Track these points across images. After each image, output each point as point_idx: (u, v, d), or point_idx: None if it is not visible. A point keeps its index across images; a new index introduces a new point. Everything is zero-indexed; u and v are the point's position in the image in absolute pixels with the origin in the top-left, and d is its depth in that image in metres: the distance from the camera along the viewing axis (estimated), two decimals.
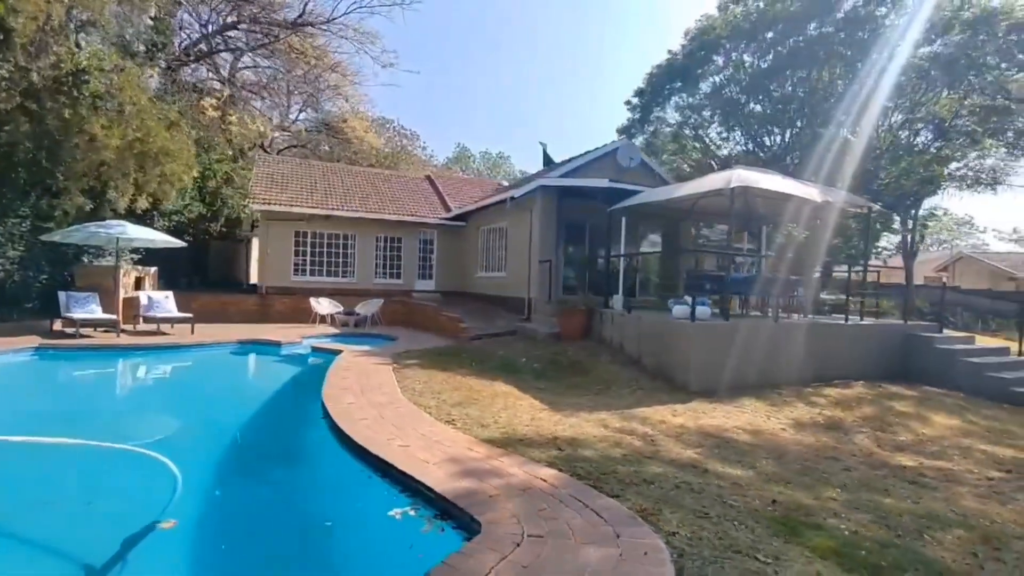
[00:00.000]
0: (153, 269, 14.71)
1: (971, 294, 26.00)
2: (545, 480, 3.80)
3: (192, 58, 16.36)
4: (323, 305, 15.06)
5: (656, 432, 5.73)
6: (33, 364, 8.83)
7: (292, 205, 16.66)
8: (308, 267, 17.19)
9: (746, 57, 16.39)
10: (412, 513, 3.48)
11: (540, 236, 13.63)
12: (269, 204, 16.33)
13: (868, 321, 10.15)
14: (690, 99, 18.47)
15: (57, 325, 11.21)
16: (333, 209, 17.21)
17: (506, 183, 23.79)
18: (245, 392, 8.54)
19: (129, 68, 10.12)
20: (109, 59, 9.67)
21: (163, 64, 14.38)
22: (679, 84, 18.01)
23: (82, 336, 10.32)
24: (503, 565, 2.60)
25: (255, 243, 24.49)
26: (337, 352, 9.90)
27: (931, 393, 8.38)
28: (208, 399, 7.90)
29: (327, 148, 28.52)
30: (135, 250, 14.81)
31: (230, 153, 13.82)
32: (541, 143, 20.61)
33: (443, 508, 3.40)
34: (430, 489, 3.52)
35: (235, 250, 23.41)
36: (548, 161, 20.94)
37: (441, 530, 3.24)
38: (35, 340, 9.50)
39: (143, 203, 11.18)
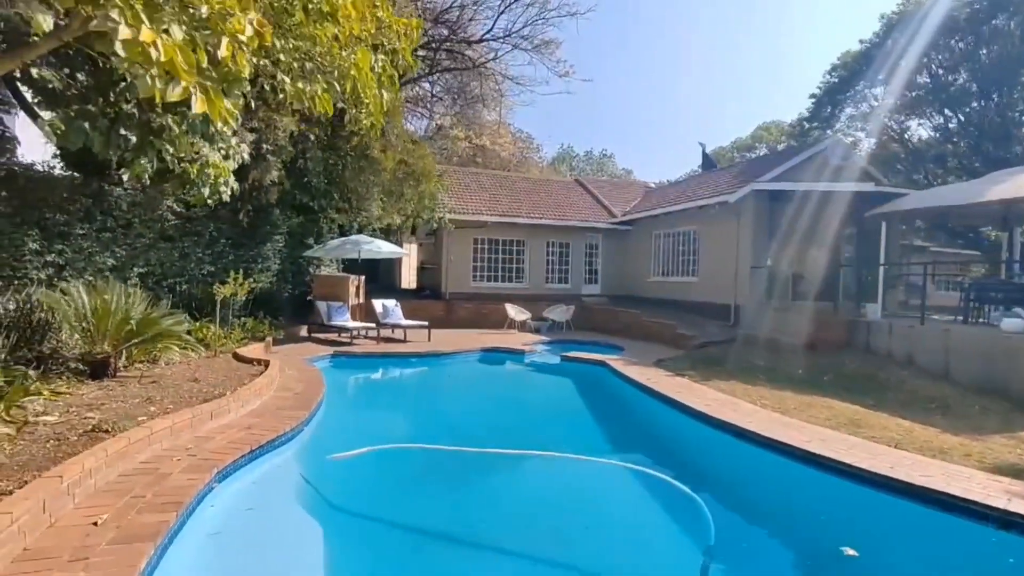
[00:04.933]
0: (363, 277, 15.73)
1: None
2: None
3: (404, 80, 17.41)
4: (515, 311, 15.50)
5: None
6: (348, 373, 9.57)
7: (476, 213, 17.26)
8: (485, 273, 17.78)
9: (961, 44, 15.15)
10: None
11: (751, 241, 13.28)
12: (456, 212, 16.97)
13: None
14: (877, 90, 17.39)
15: (303, 331, 12.39)
16: (510, 216, 17.67)
17: (653, 184, 23.50)
18: (589, 408, 8.32)
19: (391, 98, 10.83)
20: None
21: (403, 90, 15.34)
22: (871, 73, 16.96)
23: (353, 343, 11.22)
24: None
25: (406, 248, 25.78)
26: (592, 362, 10.10)
27: None
28: (572, 412, 8.05)
29: (445, 155, 29.50)
30: (340, 260, 15.99)
31: (440, 170, 14.43)
32: (700, 143, 20.16)
33: None
34: None
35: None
36: (709, 162, 20.47)
37: None
38: (328, 349, 10.40)
39: (397, 219, 11.95)
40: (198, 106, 2.49)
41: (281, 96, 4.66)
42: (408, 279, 25.29)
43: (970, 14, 14.45)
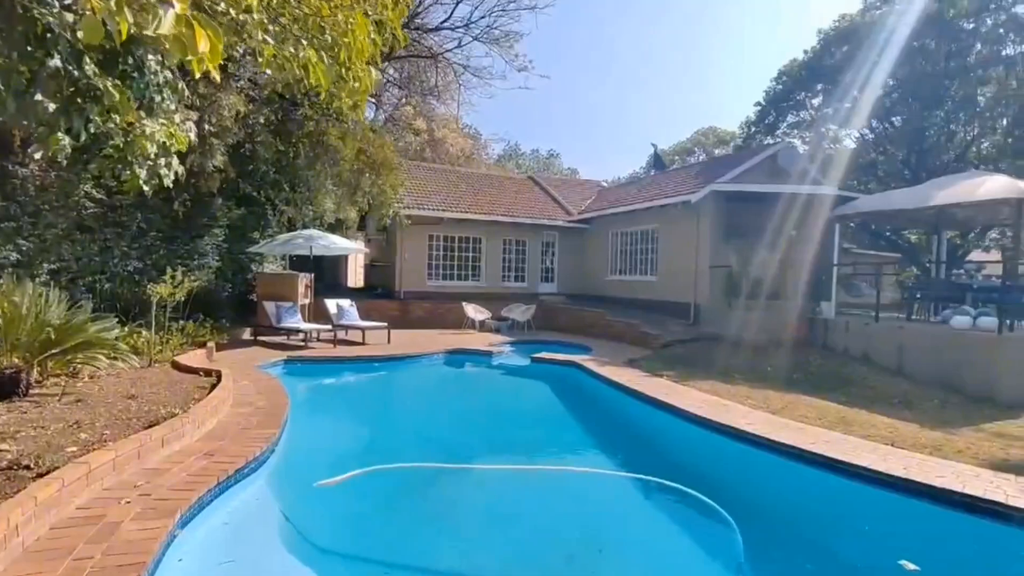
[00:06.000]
0: (311, 275, 14.58)
1: None
2: None
3: None
4: (473, 311, 14.96)
5: None
6: (307, 380, 8.67)
7: (431, 210, 16.52)
8: (441, 271, 17.10)
9: (888, 62, 16.36)
10: None
11: (711, 240, 13.53)
12: (411, 208, 16.14)
13: None
14: (816, 99, 18.42)
15: (246, 334, 11.30)
16: (467, 213, 17.08)
17: (605, 183, 23.65)
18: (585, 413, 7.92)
19: (378, 76, 10.04)
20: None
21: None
22: (811, 83, 17.92)
23: (307, 346, 10.27)
24: None
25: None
26: (564, 363, 9.81)
27: None
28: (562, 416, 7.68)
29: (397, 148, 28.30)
30: (283, 256, 14.75)
31: (398, 162, 13.58)
32: (652, 144, 20.50)
33: None
34: None
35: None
36: (660, 163, 20.85)
37: None
38: (279, 354, 9.42)
39: (352, 214, 11.06)
40: (168, 25, 1.81)
41: (260, 60, 3.89)
42: (355, 277, 23.98)
43: (902, 32, 15.70)
